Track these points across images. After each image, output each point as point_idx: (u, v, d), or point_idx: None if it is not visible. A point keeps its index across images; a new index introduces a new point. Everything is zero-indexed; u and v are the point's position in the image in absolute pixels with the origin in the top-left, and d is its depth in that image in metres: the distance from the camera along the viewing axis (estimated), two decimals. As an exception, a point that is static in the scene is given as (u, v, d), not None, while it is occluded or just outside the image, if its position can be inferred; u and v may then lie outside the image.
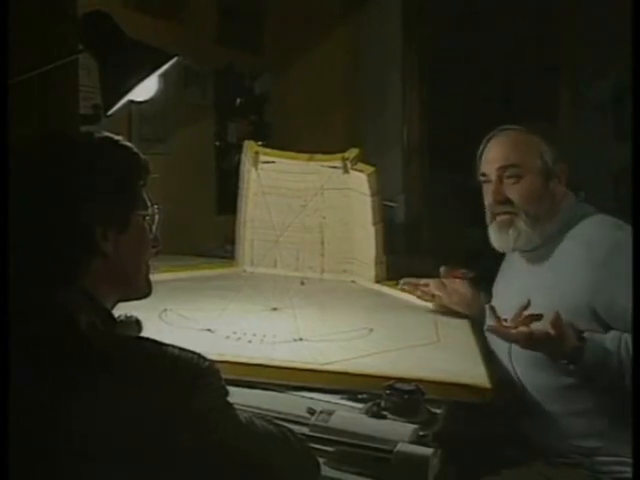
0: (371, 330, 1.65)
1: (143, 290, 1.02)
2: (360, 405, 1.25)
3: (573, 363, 1.40)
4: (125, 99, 1.37)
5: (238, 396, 0.97)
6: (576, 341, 1.38)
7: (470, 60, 3.72)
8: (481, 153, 1.64)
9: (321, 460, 1.05)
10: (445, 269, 1.90)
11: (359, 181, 2.11)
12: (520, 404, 1.55)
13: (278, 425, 0.98)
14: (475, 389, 1.30)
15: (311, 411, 1.20)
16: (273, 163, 2.26)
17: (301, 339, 1.55)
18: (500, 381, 1.41)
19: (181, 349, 0.85)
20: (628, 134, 1.37)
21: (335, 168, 2.16)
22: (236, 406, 0.90)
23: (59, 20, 1.74)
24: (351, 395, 1.29)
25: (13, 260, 0.87)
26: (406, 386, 1.22)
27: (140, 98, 1.49)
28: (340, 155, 2.16)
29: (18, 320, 0.83)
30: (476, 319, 1.72)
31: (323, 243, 2.25)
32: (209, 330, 1.60)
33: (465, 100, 3.72)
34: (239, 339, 1.54)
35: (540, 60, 3.71)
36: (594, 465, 1.46)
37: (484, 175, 1.62)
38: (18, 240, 0.88)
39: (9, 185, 0.88)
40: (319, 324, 1.71)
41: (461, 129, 3.19)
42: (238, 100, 3.44)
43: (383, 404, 1.21)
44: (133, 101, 1.48)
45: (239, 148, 2.38)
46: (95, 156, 0.94)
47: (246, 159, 2.30)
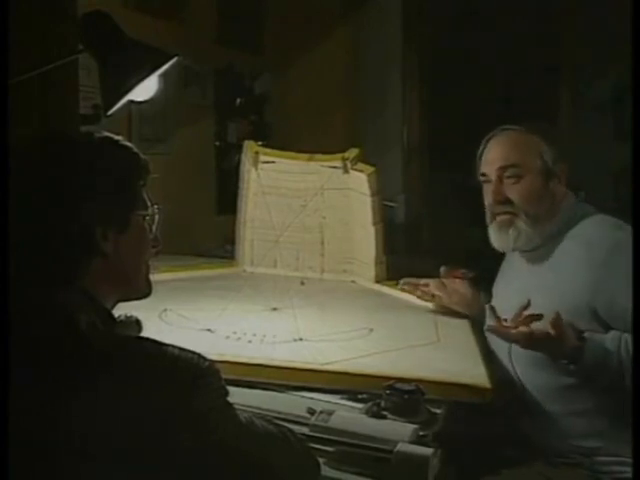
0: (371, 330, 1.65)
1: (143, 290, 1.02)
2: (360, 405, 1.25)
3: (573, 363, 1.40)
4: (125, 99, 1.37)
5: (238, 396, 0.97)
6: (576, 341, 1.38)
7: (470, 60, 3.71)
8: (481, 153, 1.64)
9: (321, 460, 1.05)
10: (445, 269, 1.90)
11: (359, 181, 2.11)
12: (520, 404, 1.55)
13: (278, 425, 0.98)
14: (475, 389, 1.30)
15: (311, 411, 1.20)
16: (273, 163, 2.26)
17: (301, 339, 1.55)
18: (500, 381, 1.41)
19: (181, 349, 0.85)
20: (628, 134, 1.36)
21: (335, 168, 2.16)
22: (236, 406, 0.90)
23: (59, 20, 1.74)
24: (351, 395, 1.29)
25: (13, 260, 0.87)
26: (406, 386, 1.22)
27: (140, 98, 1.49)
28: (340, 155, 2.16)
29: (18, 320, 0.83)
30: (476, 319, 1.72)
31: (323, 243, 2.25)
32: (209, 330, 1.60)
33: (465, 100, 3.72)
34: (239, 339, 1.54)
35: (540, 60, 3.71)
36: (594, 465, 1.46)
37: (484, 175, 1.62)
38: (18, 240, 0.88)
39: (9, 185, 0.88)
40: (319, 324, 1.71)
41: (461, 129, 3.19)
42: (238, 100, 3.44)
43: (383, 404, 1.21)
44: (133, 101, 1.48)
45: (239, 148, 2.38)
46: (95, 156, 0.94)
47: (246, 159, 2.30)
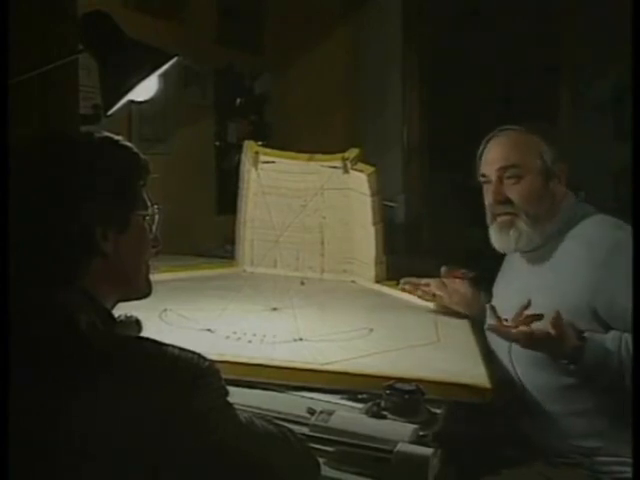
0: (371, 330, 1.65)
1: (143, 290, 1.01)
2: (360, 405, 1.25)
3: (573, 363, 1.40)
4: (125, 99, 1.37)
5: (238, 396, 0.97)
6: (576, 341, 1.38)
7: (470, 60, 3.71)
8: (481, 154, 1.64)
9: (321, 460, 1.05)
10: (445, 269, 1.90)
11: (359, 181, 2.11)
12: (520, 404, 1.55)
13: (278, 425, 0.98)
14: (475, 389, 1.30)
15: (311, 411, 1.20)
16: (273, 163, 2.26)
17: (301, 339, 1.55)
18: (500, 381, 1.40)
19: (181, 349, 0.85)
20: (628, 134, 1.36)
21: (335, 168, 2.16)
22: (236, 406, 0.90)
23: (59, 20, 1.74)
24: (351, 395, 1.29)
25: (13, 260, 0.87)
26: (406, 386, 1.22)
27: (140, 98, 1.49)
28: (340, 155, 2.16)
29: (18, 320, 0.83)
30: (476, 319, 1.72)
31: (323, 243, 2.25)
32: (209, 330, 1.59)
33: (465, 100, 3.72)
34: (239, 339, 1.54)
35: (540, 60, 3.71)
36: (594, 465, 1.46)
37: (484, 176, 1.62)
38: (18, 240, 0.88)
39: (9, 185, 0.88)
40: (319, 324, 1.71)
41: (461, 129, 3.19)
42: (238, 100, 3.44)
43: (383, 404, 1.21)
44: (133, 101, 1.48)
45: (239, 148, 2.38)
46: (95, 156, 0.94)
47: (246, 159, 2.30)
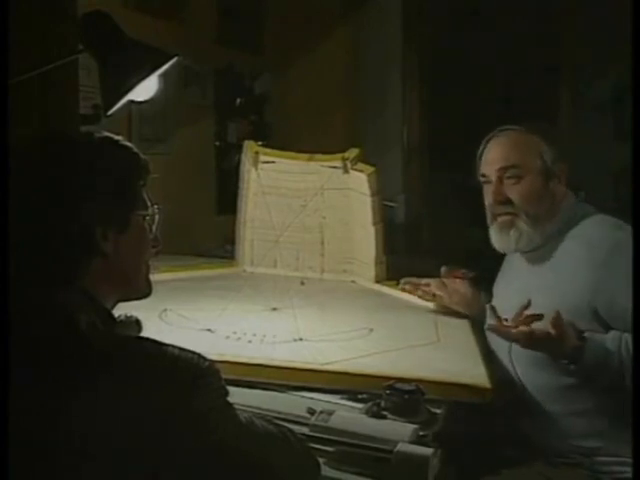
0: (371, 330, 1.65)
1: (143, 290, 1.01)
2: (360, 405, 1.25)
3: (573, 363, 1.40)
4: (125, 99, 1.37)
5: (238, 396, 0.97)
6: (576, 341, 1.38)
7: (470, 60, 3.71)
8: (481, 154, 1.64)
9: (321, 460, 1.05)
10: (445, 269, 1.90)
11: (359, 181, 2.11)
12: (520, 404, 1.55)
13: (278, 425, 0.98)
14: (475, 389, 1.30)
15: (311, 411, 1.20)
16: (273, 163, 2.26)
17: (301, 339, 1.55)
18: (500, 381, 1.40)
19: (181, 349, 0.85)
20: (628, 134, 1.36)
21: (335, 168, 2.16)
22: (236, 406, 0.90)
23: (59, 20, 1.74)
24: (351, 395, 1.29)
25: (13, 260, 0.87)
26: (406, 386, 1.22)
27: (140, 98, 1.49)
28: (340, 155, 2.16)
29: (18, 320, 0.83)
30: (476, 319, 1.72)
31: (323, 243, 2.25)
32: (209, 330, 1.59)
33: (465, 100, 3.72)
34: (239, 339, 1.54)
35: (540, 60, 3.71)
36: (594, 465, 1.46)
37: (484, 176, 1.62)
38: (18, 240, 0.88)
39: (9, 185, 0.88)
40: (319, 324, 1.71)
41: (461, 129, 3.19)
42: (238, 100, 3.44)
43: (383, 404, 1.21)
44: (133, 101, 1.48)
45: (239, 148, 2.38)
46: (95, 156, 0.94)
47: (246, 159, 2.30)
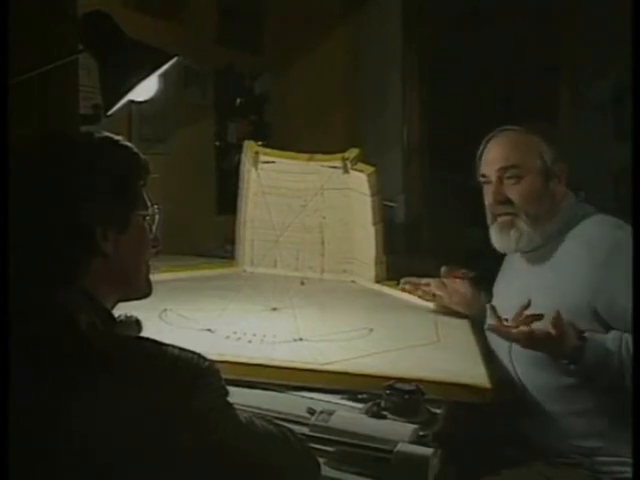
0: (371, 330, 1.65)
1: (143, 290, 1.01)
2: (360, 405, 1.25)
3: (574, 363, 1.40)
4: (125, 99, 1.37)
5: (238, 396, 0.97)
6: (577, 341, 1.38)
7: (470, 60, 3.71)
8: (481, 154, 1.64)
9: (321, 460, 1.05)
10: (445, 269, 1.90)
11: (359, 181, 2.11)
12: (520, 404, 1.55)
13: (278, 425, 0.98)
14: (475, 389, 1.30)
15: (311, 411, 1.20)
16: (273, 163, 2.26)
17: (301, 339, 1.55)
18: (500, 381, 1.40)
19: (181, 349, 0.85)
20: (628, 134, 1.36)
21: (335, 168, 2.16)
22: (236, 406, 0.90)
23: (59, 20, 1.74)
24: (351, 395, 1.29)
25: (13, 260, 0.87)
26: (406, 386, 1.22)
27: (140, 98, 1.49)
28: (340, 155, 2.16)
29: (18, 320, 0.83)
30: (476, 319, 1.72)
31: (323, 243, 2.25)
32: (209, 330, 1.59)
33: (465, 100, 3.72)
34: (239, 339, 1.54)
35: (540, 60, 3.71)
36: (594, 465, 1.46)
37: (484, 176, 1.62)
38: (18, 240, 0.88)
39: (9, 185, 0.88)
40: (319, 324, 1.71)
41: (461, 129, 3.19)
42: (238, 100, 3.44)
43: (383, 404, 1.21)
44: (133, 101, 1.48)
45: (239, 148, 2.38)
46: (95, 156, 0.94)
47: (246, 159, 2.30)
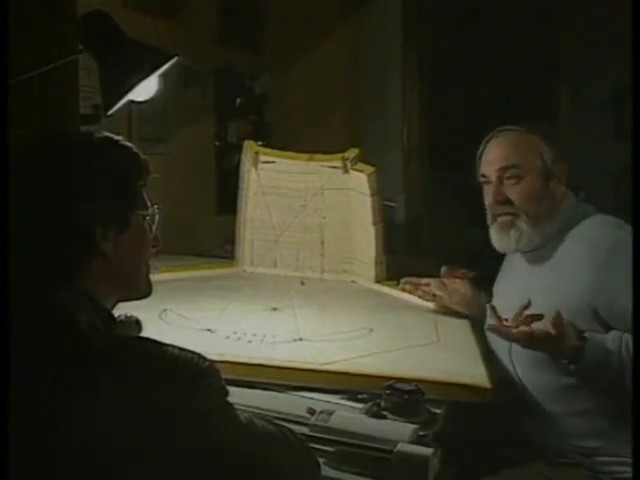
0: (371, 330, 1.65)
1: (143, 290, 1.01)
2: (360, 405, 1.25)
3: (574, 363, 1.40)
4: (125, 99, 1.37)
5: (238, 396, 0.97)
6: (577, 341, 1.38)
7: (470, 60, 3.71)
8: (481, 154, 1.64)
9: (321, 460, 1.05)
10: (446, 269, 1.89)
11: (359, 181, 2.11)
12: (520, 404, 1.55)
13: (278, 425, 0.98)
14: (475, 389, 1.30)
15: (311, 411, 1.20)
16: (273, 163, 2.26)
17: (301, 339, 1.55)
18: (500, 381, 1.40)
19: (181, 349, 0.85)
20: (628, 134, 1.37)
21: (335, 168, 2.16)
22: (236, 406, 0.90)
23: (59, 20, 1.74)
24: (351, 395, 1.29)
25: (13, 260, 0.87)
26: (406, 386, 1.22)
27: (140, 98, 1.49)
28: (340, 155, 2.16)
29: (18, 320, 0.83)
30: (476, 319, 1.72)
31: (323, 243, 2.25)
32: (209, 330, 1.59)
33: (465, 100, 3.72)
34: (239, 339, 1.54)
35: (540, 60, 3.71)
36: (594, 465, 1.46)
37: (484, 176, 1.62)
38: (18, 240, 0.88)
39: (9, 185, 0.88)
40: (319, 324, 1.71)
41: (461, 129, 3.19)
42: (238, 100, 3.44)
43: (383, 404, 1.21)
44: (133, 101, 1.48)
45: (239, 148, 2.38)
46: (95, 156, 0.94)
47: (246, 159, 2.30)
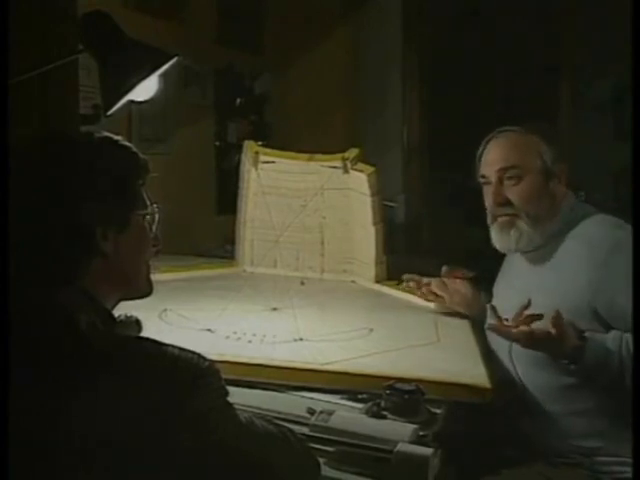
0: (371, 330, 1.65)
1: (144, 290, 1.01)
2: (360, 405, 1.25)
3: (574, 363, 1.40)
4: (125, 99, 1.37)
5: (238, 396, 0.97)
6: (577, 340, 1.38)
7: (470, 60, 3.71)
8: (480, 155, 1.64)
9: (321, 460, 1.05)
10: (446, 269, 1.89)
11: (359, 181, 2.11)
12: (520, 404, 1.55)
13: (278, 425, 0.98)
14: (475, 389, 1.30)
15: (311, 411, 1.20)
16: (273, 163, 2.26)
17: (301, 339, 1.55)
18: (500, 381, 1.40)
19: (181, 349, 0.85)
20: (628, 134, 1.36)
21: (335, 168, 2.16)
22: (236, 406, 0.90)
23: (59, 20, 1.74)
24: (351, 395, 1.29)
25: (13, 260, 0.87)
26: (406, 386, 1.22)
27: (140, 98, 1.49)
28: (340, 155, 2.16)
29: (18, 320, 0.83)
30: (476, 319, 1.72)
31: (323, 243, 2.25)
32: (209, 330, 1.59)
33: (465, 100, 3.72)
34: (239, 339, 1.54)
35: (540, 60, 3.71)
36: (594, 465, 1.46)
37: (484, 177, 1.62)
38: (18, 240, 0.88)
39: (9, 185, 0.88)
40: (319, 324, 1.71)
41: (461, 129, 3.20)
42: (238, 100, 3.44)
43: (383, 404, 1.21)
44: (133, 101, 1.48)
45: (239, 148, 2.38)
46: (95, 156, 0.94)
47: (246, 159, 2.30)
